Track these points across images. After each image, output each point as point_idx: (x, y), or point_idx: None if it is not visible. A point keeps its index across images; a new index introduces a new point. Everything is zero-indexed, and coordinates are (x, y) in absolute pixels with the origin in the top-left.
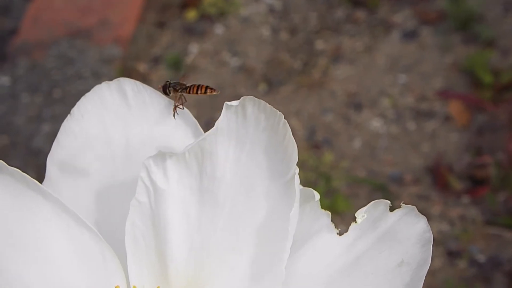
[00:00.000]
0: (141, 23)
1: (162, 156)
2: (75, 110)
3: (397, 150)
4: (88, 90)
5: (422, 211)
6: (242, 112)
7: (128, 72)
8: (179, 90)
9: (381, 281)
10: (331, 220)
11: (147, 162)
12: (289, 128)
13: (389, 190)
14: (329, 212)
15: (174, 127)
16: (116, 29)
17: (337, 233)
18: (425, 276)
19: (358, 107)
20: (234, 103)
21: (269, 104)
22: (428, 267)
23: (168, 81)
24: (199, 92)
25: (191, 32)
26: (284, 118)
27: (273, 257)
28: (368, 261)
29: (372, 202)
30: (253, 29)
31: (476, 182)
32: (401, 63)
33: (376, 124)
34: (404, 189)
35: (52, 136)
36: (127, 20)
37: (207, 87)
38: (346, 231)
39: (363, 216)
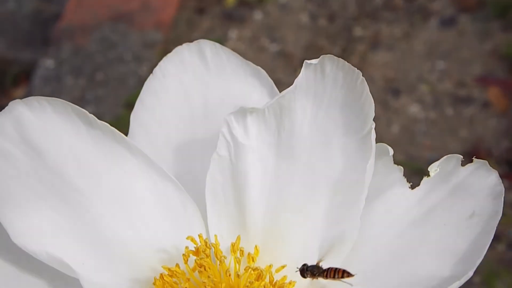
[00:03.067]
0: (181, 8)
1: (243, 112)
2: (157, 70)
3: (435, 135)
4: (130, 74)
5: None
6: (321, 70)
7: None
8: (316, 275)
9: (452, 231)
10: (404, 175)
11: (229, 118)
12: (367, 86)
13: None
14: (402, 167)
15: (250, 87)
16: (157, 14)
17: (409, 187)
18: None
19: (396, 92)
20: (314, 61)
21: None
22: (499, 219)
23: (305, 265)
24: (336, 276)
25: (230, 18)
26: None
27: (348, 207)
28: (440, 212)
29: (445, 156)
30: (291, 16)
31: None
32: (440, 49)
33: (414, 109)
34: None
35: (96, 117)
36: (168, 5)
37: (344, 272)
38: (418, 185)
39: (435, 170)
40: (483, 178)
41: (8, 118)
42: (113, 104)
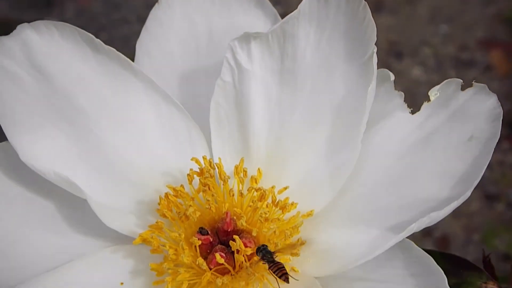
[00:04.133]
0: None
1: (246, 37)
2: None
3: None
4: (134, 35)
5: None
6: None
7: None
8: (264, 259)
9: (451, 154)
10: (404, 100)
11: (233, 43)
12: (369, 11)
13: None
14: (402, 93)
15: (254, 18)
16: None
17: (410, 112)
18: (463, 218)
19: (399, 55)
20: None
21: None
22: (496, 141)
23: (265, 246)
24: (275, 273)
25: None
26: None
27: (350, 131)
28: (439, 136)
29: (445, 81)
30: None
31: None
32: (443, 13)
33: (416, 72)
34: None
35: None
36: None
37: (284, 275)
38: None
39: (436, 94)
40: (482, 101)
41: (15, 41)
42: None
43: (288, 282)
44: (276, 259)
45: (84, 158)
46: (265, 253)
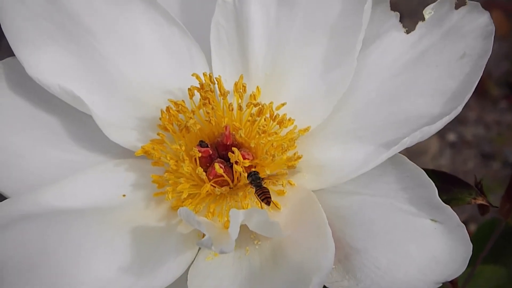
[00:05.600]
0: None
1: None
2: None
3: None
4: None
5: (459, 116)
6: None
7: None
8: (252, 184)
9: (443, 72)
10: (400, 20)
11: None
12: None
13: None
14: (398, 13)
15: None
16: None
17: (405, 32)
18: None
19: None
20: None
21: None
22: (488, 57)
23: (256, 172)
24: (259, 197)
25: None
26: None
27: (346, 48)
28: (432, 54)
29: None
30: None
31: None
32: None
33: None
34: None
35: None
36: None
37: (266, 199)
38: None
39: (430, 13)
40: (474, 19)
41: None
42: None
43: (269, 205)
44: (264, 185)
45: (88, 75)
46: (254, 178)
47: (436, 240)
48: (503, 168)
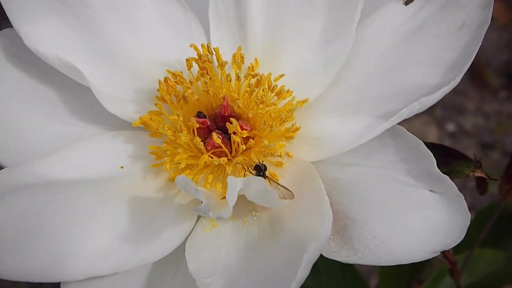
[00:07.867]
0: None
1: None
2: None
3: None
4: None
5: (458, 106)
6: None
7: None
8: (253, 173)
9: (442, 43)
10: None
11: None
12: None
13: None
14: None
15: None
16: None
17: (403, 3)
18: None
19: None
20: None
21: None
22: (487, 27)
23: (263, 165)
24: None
25: None
26: None
27: (344, 20)
28: (431, 25)
29: None
30: None
31: None
32: None
33: None
34: None
35: None
36: None
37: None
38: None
39: None
40: None
41: None
42: None
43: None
44: (268, 174)
45: (86, 47)
46: (259, 168)
47: (435, 210)
48: (502, 158)
